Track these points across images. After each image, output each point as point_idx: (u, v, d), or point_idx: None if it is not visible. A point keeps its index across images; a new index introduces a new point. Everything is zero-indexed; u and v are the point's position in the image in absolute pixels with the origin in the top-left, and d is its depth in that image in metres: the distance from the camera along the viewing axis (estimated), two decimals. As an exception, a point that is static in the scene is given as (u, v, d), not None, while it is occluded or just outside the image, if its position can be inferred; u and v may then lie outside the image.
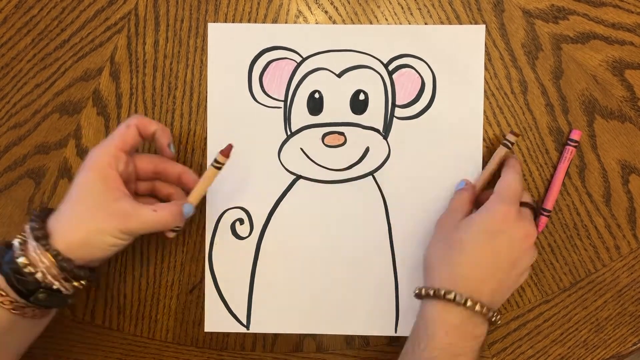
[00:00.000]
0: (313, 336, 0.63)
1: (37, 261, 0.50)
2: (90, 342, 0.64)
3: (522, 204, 0.58)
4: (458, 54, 0.63)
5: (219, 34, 0.64)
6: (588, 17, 0.63)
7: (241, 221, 0.64)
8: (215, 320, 0.63)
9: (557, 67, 0.63)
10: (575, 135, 0.62)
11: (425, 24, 0.63)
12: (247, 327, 0.63)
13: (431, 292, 0.51)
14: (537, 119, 0.63)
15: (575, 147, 0.62)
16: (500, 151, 0.61)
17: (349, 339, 0.63)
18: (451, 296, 0.50)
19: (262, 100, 0.64)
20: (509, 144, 0.60)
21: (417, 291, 0.54)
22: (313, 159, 0.63)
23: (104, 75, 0.64)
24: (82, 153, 0.64)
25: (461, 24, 0.63)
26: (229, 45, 0.64)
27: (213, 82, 0.64)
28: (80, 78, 0.64)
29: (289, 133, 0.64)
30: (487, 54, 0.63)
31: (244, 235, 0.64)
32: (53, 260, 0.50)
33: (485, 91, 0.63)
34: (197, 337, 0.64)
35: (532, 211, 0.59)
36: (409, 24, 0.64)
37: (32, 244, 0.50)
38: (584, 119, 0.63)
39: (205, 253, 0.63)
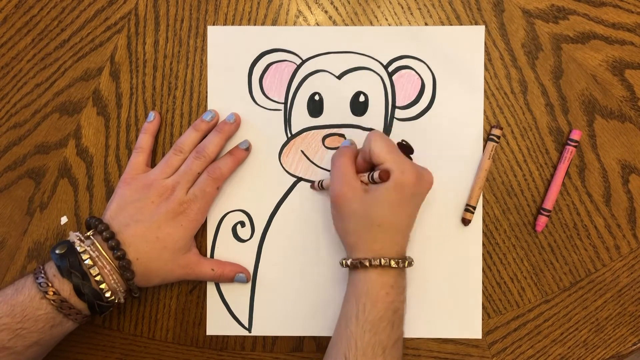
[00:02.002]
0: (313, 336, 0.64)
1: (111, 284, 0.55)
2: (90, 342, 0.64)
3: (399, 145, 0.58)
4: (458, 54, 0.63)
5: (218, 36, 0.64)
6: (588, 17, 0.63)
7: (242, 224, 0.64)
8: (217, 323, 0.63)
9: (557, 67, 0.63)
10: (575, 135, 0.62)
11: (426, 24, 0.63)
12: (249, 330, 0.63)
13: (367, 263, 0.54)
14: (537, 119, 0.63)
15: (575, 147, 0.62)
16: (489, 146, 0.62)
17: (349, 339, 0.63)
18: (386, 262, 0.54)
19: (263, 103, 0.64)
20: (496, 138, 0.61)
21: (348, 263, 0.56)
22: (314, 161, 0.63)
23: (104, 75, 0.64)
24: (82, 153, 0.64)
25: (461, 24, 0.63)
26: (228, 48, 0.64)
27: (213, 85, 0.64)
28: (80, 78, 0.64)
29: (289, 135, 0.64)
30: (487, 53, 0.63)
31: (246, 238, 0.64)
32: (125, 285, 0.57)
33: (485, 91, 0.63)
34: (197, 337, 0.64)
35: (404, 149, 0.59)
36: (409, 24, 0.63)
37: (109, 268, 0.55)
38: (584, 118, 0.63)
39: (206, 253, 0.63)
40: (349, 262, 0.56)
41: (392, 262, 0.54)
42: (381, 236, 0.55)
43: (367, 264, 0.54)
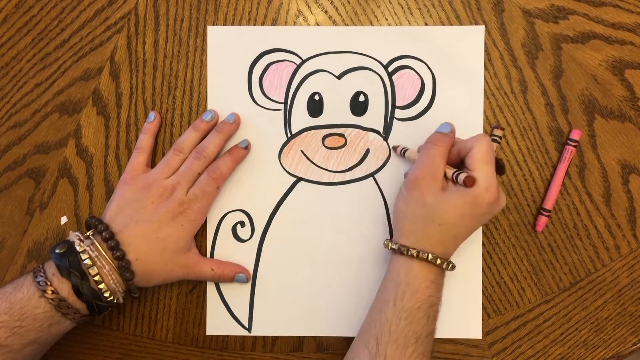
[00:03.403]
0: (313, 336, 0.64)
1: (110, 284, 0.55)
2: (90, 342, 0.64)
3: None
4: (457, 54, 0.63)
5: (218, 37, 0.64)
6: (588, 17, 0.63)
7: (242, 224, 0.64)
8: (217, 323, 0.63)
9: (557, 67, 0.63)
10: (575, 135, 0.62)
11: (426, 24, 0.63)
12: (249, 330, 0.63)
13: (414, 253, 0.54)
14: (537, 119, 0.63)
15: (575, 147, 0.62)
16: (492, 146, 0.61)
17: (349, 340, 0.63)
18: (433, 258, 0.55)
19: (262, 103, 0.64)
20: (498, 139, 0.61)
21: (395, 247, 0.56)
22: (313, 161, 0.63)
23: (104, 75, 0.64)
24: (81, 153, 0.64)
25: (461, 23, 0.63)
26: (228, 48, 0.64)
27: (213, 85, 0.64)
28: (80, 78, 0.64)
29: (289, 135, 0.64)
30: (487, 53, 0.63)
31: (245, 238, 0.64)
32: (125, 285, 0.56)
33: (485, 91, 0.63)
34: (197, 337, 0.64)
35: (498, 167, 0.58)
36: (409, 23, 0.63)
37: (108, 268, 0.55)
38: (584, 118, 0.63)
39: (206, 253, 0.63)
40: (396, 246, 0.56)
41: (438, 260, 0.55)
42: (437, 235, 0.55)
43: (415, 254, 0.54)
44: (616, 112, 0.63)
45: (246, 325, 0.63)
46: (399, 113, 0.63)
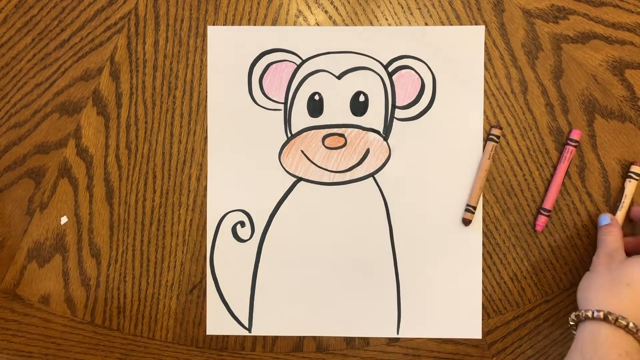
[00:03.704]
0: (313, 336, 0.64)
1: None
2: (91, 342, 0.64)
3: None
4: (458, 55, 0.63)
5: (218, 37, 0.64)
6: (588, 17, 0.63)
7: (242, 224, 0.64)
8: (217, 323, 0.63)
9: (557, 67, 0.63)
10: (575, 135, 0.62)
11: (425, 24, 0.63)
12: (249, 329, 0.63)
13: (600, 315, 0.50)
14: (537, 119, 0.63)
15: (575, 147, 0.62)
16: (489, 146, 0.62)
17: (348, 339, 0.63)
18: (623, 322, 0.50)
19: (262, 103, 0.64)
20: (495, 138, 0.61)
21: (580, 315, 0.52)
22: (313, 161, 0.63)
23: (104, 75, 0.64)
24: (82, 153, 0.64)
25: (461, 23, 0.63)
26: (228, 48, 0.64)
27: (213, 85, 0.64)
28: (80, 78, 0.64)
29: (289, 135, 0.64)
30: (487, 53, 0.63)
31: (245, 238, 0.64)
32: None
33: (485, 91, 0.63)
34: (197, 337, 0.64)
35: None
36: (409, 24, 0.63)
37: None
38: (584, 118, 0.63)
39: (205, 253, 0.63)
40: (580, 313, 0.52)
41: (631, 324, 0.49)
42: (625, 295, 0.51)
43: (601, 315, 0.50)
44: (616, 112, 0.63)
45: (246, 325, 0.63)
46: (399, 113, 0.63)
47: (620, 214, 0.62)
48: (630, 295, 0.51)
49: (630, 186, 0.62)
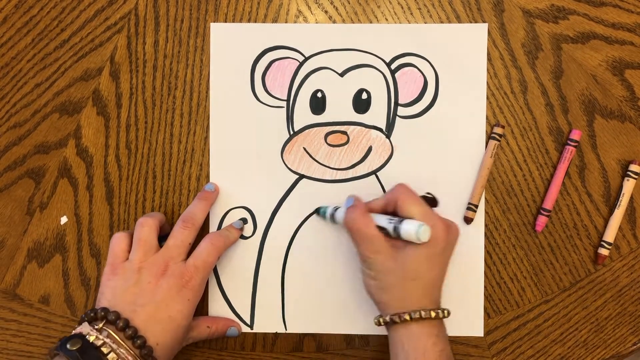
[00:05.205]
0: (313, 336, 0.63)
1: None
2: (90, 342, 0.64)
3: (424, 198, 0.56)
4: (460, 52, 0.63)
5: (221, 33, 0.64)
6: (588, 17, 0.63)
7: (244, 221, 0.64)
8: (219, 320, 0.63)
9: (557, 67, 0.63)
10: (575, 135, 0.62)
11: (426, 23, 0.63)
12: (251, 327, 0.63)
13: (407, 317, 0.52)
14: (537, 119, 0.63)
15: (575, 147, 0.62)
16: (491, 144, 0.62)
17: (348, 339, 0.63)
18: (426, 314, 0.52)
19: (265, 100, 0.64)
20: (498, 137, 0.61)
21: (387, 319, 0.54)
22: (316, 158, 0.63)
23: (104, 75, 0.64)
24: (82, 153, 0.64)
25: (461, 23, 0.63)
26: (231, 44, 0.64)
27: (215, 82, 0.64)
28: (80, 78, 0.64)
29: (291, 132, 0.64)
30: (487, 53, 0.63)
31: (248, 235, 0.64)
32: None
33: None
34: (197, 337, 0.64)
35: (429, 202, 0.59)
36: (409, 23, 0.64)
37: (131, 359, 0.51)
38: (584, 118, 0.63)
39: (205, 253, 0.63)
40: (387, 318, 0.54)
41: (432, 313, 0.53)
42: (416, 290, 0.53)
43: (408, 317, 0.52)
44: (616, 112, 0.63)
45: (248, 322, 0.63)
46: (401, 111, 0.63)
47: (618, 212, 0.62)
48: (419, 289, 0.53)
49: (628, 185, 0.62)
